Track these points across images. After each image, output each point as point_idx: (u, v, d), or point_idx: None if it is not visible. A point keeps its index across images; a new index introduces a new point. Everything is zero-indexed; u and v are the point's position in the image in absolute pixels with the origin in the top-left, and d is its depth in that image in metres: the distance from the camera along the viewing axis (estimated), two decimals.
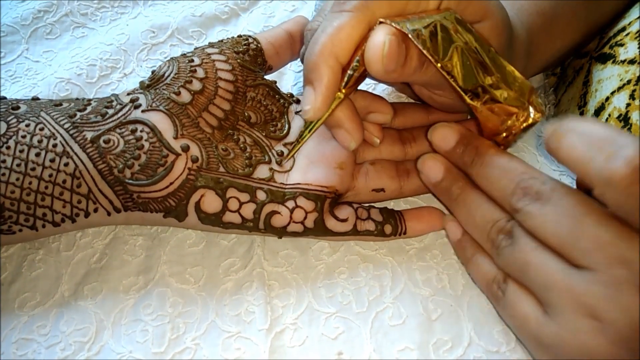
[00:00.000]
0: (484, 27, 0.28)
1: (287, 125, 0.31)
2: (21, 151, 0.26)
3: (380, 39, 0.24)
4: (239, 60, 0.30)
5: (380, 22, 0.25)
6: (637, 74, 0.31)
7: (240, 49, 0.31)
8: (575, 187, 0.25)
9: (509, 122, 0.26)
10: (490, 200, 0.26)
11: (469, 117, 0.33)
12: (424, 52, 0.25)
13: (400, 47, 0.24)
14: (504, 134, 0.27)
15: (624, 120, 0.31)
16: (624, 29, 0.35)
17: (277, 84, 0.32)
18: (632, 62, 0.32)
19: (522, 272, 0.24)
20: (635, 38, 0.33)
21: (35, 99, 0.29)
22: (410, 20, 0.25)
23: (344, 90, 0.26)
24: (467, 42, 0.26)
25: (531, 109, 0.27)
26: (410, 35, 0.24)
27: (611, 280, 0.21)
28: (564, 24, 0.35)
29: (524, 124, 0.27)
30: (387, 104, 0.31)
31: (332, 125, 0.29)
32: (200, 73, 0.29)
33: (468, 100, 0.26)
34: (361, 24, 0.25)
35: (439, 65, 0.25)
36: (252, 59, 0.31)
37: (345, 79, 0.26)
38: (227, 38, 0.32)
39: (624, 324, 0.21)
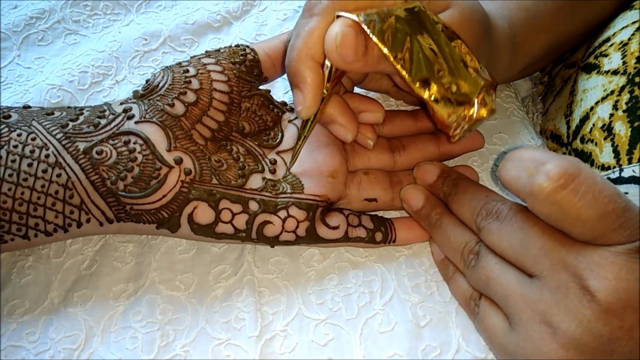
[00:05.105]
0: (453, 16, 0.28)
1: (280, 134, 0.32)
2: (13, 161, 0.26)
3: (334, 30, 0.25)
4: (235, 72, 0.30)
5: (338, 16, 0.26)
6: (620, 85, 0.32)
7: (237, 60, 0.31)
8: None
9: (454, 116, 0.27)
10: (463, 225, 0.28)
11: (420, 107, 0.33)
12: (376, 40, 0.25)
13: (357, 37, 0.25)
14: (453, 127, 0.27)
15: (608, 130, 0.32)
16: (608, 39, 0.35)
17: (270, 93, 0.32)
18: (615, 72, 0.33)
19: (487, 287, 0.25)
20: (619, 49, 0.34)
21: (26, 107, 0.29)
22: (367, 13, 0.25)
23: (327, 85, 0.27)
24: (423, 34, 0.26)
25: (477, 106, 0.27)
26: (363, 25, 0.25)
27: (557, 285, 0.22)
28: (549, 19, 0.36)
29: (471, 120, 0.27)
30: (377, 104, 0.31)
31: (326, 122, 0.29)
32: (195, 84, 0.29)
33: (416, 90, 0.26)
34: (330, 24, 0.26)
35: (388, 53, 0.25)
36: (248, 70, 0.31)
37: (326, 75, 0.27)
38: (224, 47, 0.32)
39: (571, 327, 0.22)
